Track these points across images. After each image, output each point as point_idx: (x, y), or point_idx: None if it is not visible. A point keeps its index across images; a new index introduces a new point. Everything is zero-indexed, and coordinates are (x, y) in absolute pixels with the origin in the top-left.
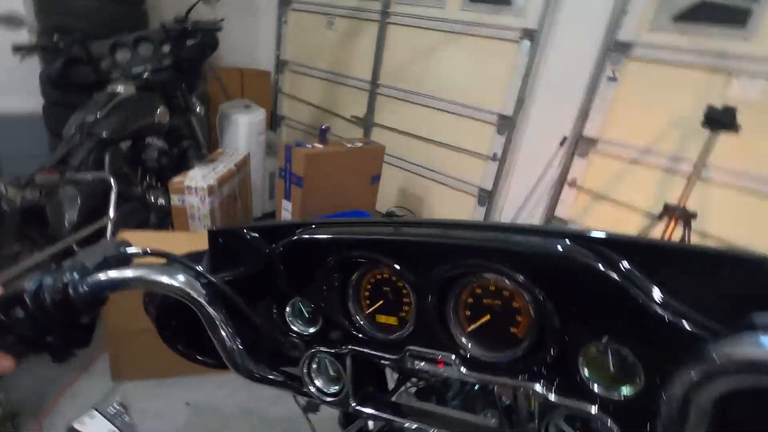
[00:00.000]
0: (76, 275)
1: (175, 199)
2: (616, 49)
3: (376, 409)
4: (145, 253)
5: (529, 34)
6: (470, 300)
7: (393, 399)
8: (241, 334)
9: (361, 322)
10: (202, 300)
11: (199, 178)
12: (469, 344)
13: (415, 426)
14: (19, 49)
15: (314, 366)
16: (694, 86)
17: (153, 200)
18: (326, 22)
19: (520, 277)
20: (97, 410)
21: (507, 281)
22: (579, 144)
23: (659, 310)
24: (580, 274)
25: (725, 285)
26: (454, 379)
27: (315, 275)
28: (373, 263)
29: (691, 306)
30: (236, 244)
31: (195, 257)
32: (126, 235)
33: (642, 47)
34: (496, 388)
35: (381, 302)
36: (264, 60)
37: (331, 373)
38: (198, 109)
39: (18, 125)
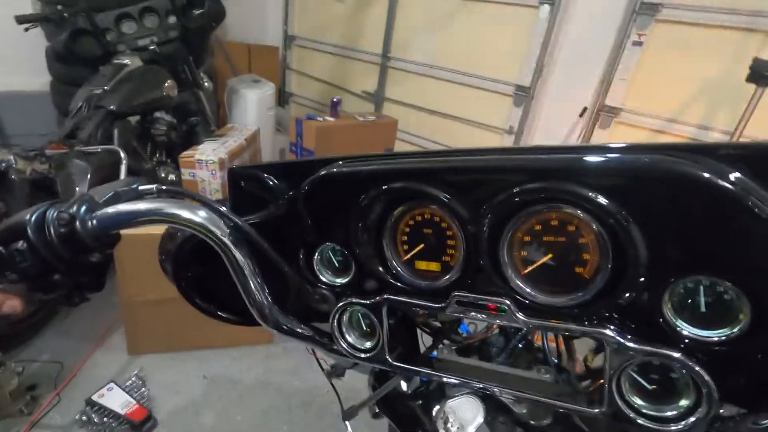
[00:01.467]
0: (83, 208)
1: (185, 174)
2: (642, 10)
3: (416, 366)
4: (160, 191)
5: None
6: (527, 238)
7: (432, 356)
8: (268, 283)
9: (399, 269)
10: (227, 241)
11: (209, 152)
12: (527, 288)
13: (455, 385)
14: (23, 21)
15: (345, 320)
16: (728, 48)
17: (163, 175)
18: None
19: (602, 201)
20: (115, 383)
21: (579, 211)
22: (601, 115)
23: None
24: (680, 190)
25: None
26: (495, 337)
27: (346, 217)
28: (416, 199)
29: None
30: (258, 185)
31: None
32: None
33: (670, 8)
34: (547, 344)
35: (421, 246)
36: (271, 35)
37: (364, 327)
38: (206, 84)
39: (26, 103)
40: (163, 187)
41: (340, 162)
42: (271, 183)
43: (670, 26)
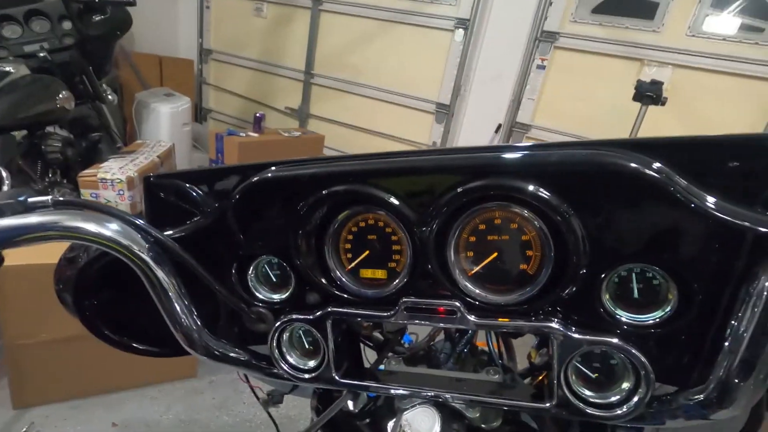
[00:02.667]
0: None
1: (86, 195)
2: (543, 38)
3: (365, 381)
4: (56, 203)
5: (463, 23)
6: (473, 238)
7: (380, 369)
8: (196, 305)
9: (344, 279)
10: (147, 258)
11: (115, 170)
12: (476, 288)
13: (406, 397)
14: None
15: (285, 339)
16: (613, 73)
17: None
18: (253, 9)
19: (544, 195)
20: None
21: (521, 208)
22: (513, 131)
23: (716, 213)
24: (612, 182)
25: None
26: (441, 344)
27: (283, 227)
28: (360, 203)
29: (740, 203)
30: (180, 195)
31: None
32: None
33: (566, 37)
34: (492, 345)
35: (366, 253)
36: (185, 48)
37: (307, 345)
38: (110, 97)
39: None
40: (61, 198)
41: (274, 167)
42: (195, 193)
43: (566, 52)
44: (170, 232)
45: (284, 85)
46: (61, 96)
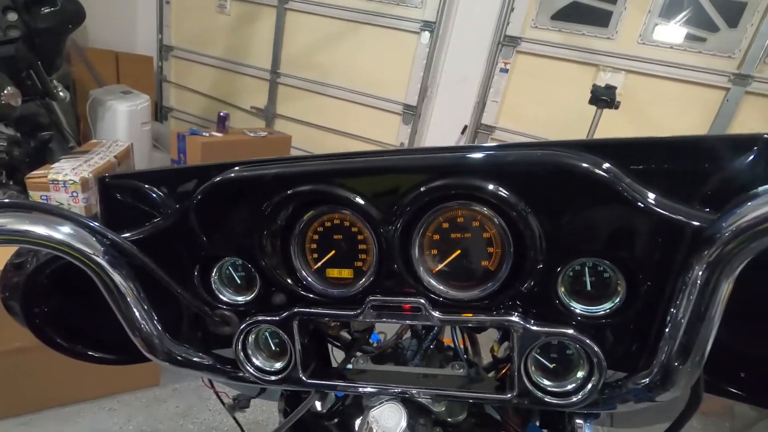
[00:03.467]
0: None
1: (35, 197)
2: (506, 42)
3: (333, 380)
4: (1, 206)
5: (429, 26)
6: (436, 237)
7: (347, 368)
8: (156, 309)
9: (310, 279)
10: (103, 262)
11: (68, 170)
12: (440, 285)
13: (374, 395)
14: None
15: (251, 341)
16: (571, 78)
17: None
18: (216, 5)
19: (504, 193)
20: None
21: (482, 207)
22: (479, 132)
23: (656, 209)
24: (566, 180)
25: (699, 174)
26: (408, 341)
27: (247, 227)
28: (325, 203)
29: (679, 200)
30: (139, 196)
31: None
32: None
33: (527, 42)
34: (457, 340)
35: (332, 253)
36: (143, 44)
37: (273, 347)
38: (61, 94)
39: None
40: (6, 200)
41: (237, 167)
42: (155, 194)
43: (528, 57)
44: (128, 234)
45: (250, 84)
46: (6, 92)
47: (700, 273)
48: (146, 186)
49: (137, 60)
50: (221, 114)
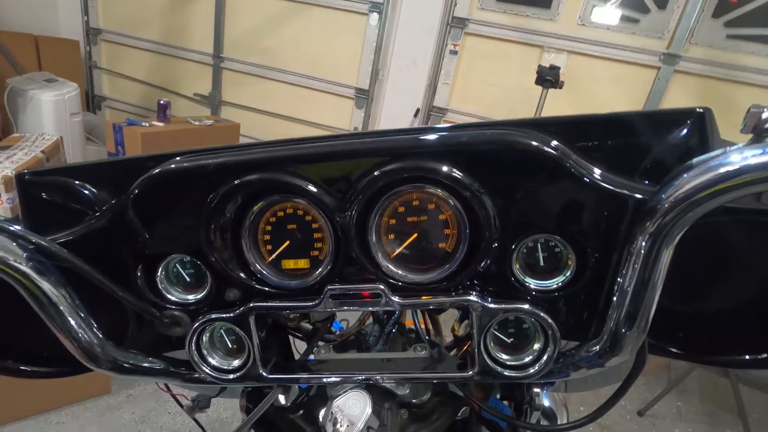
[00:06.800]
0: None
1: None
2: (454, 24)
3: (295, 373)
4: None
5: (377, 7)
6: (393, 221)
7: (309, 359)
8: (96, 315)
9: (265, 272)
10: (27, 270)
11: None
12: (399, 270)
13: (338, 384)
14: None
15: (206, 341)
16: (518, 59)
17: None
18: None
19: (457, 174)
20: None
21: (437, 189)
22: (431, 114)
23: (601, 184)
24: (516, 158)
25: (640, 148)
26: (370, 327)
27: (193, 221)
28: (276, 192)
29: (623, 173)
30: (66, 193)
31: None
32: None
33: (475, 23)
34: (418, 322)
35: (287, 243)
36: (67, 26)
37: (230, 344)
38: None
39: None
40: None
41: (179, 157)
42: (86, 190)
43: (476, 38)
44: (57, 236)
45: (191, 69)
46: None
47: (643, 243)
48: (75, 182)
49: (61, 44)
50: (161, 102)
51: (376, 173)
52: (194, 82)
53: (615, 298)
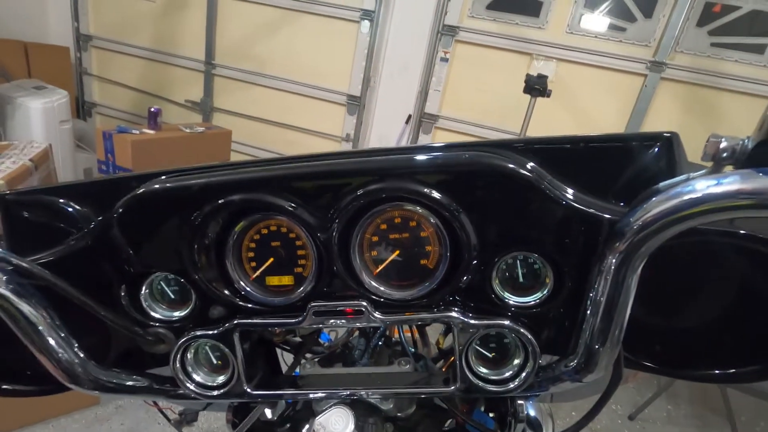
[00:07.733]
0: None
1: None
2: (445, 32)
3: (277, 389)
4: None
5: (368, 15)
6: (375, 238)
7: (295, 374)
8: (77, 334)
9: (249, 289)
10: (6, 292)
11: None
12: (381, 287)
13: (323, 399)
14: None
15: (190, 357)
16: (507, 66)
17: None
18: None
19: (436, 195)
20: None
21: (418, 207)
22: (423, 121)
23: (574, 204)
24: (494, 180)
25: (612, 170)
26: (357, 339)
27: (177, 240)
28: (259, 211)
29: (595, 195)
30: (49, 213)
31: None
32: None
33: (465, 31)
34: (403, 335)
35: (271, 261)
36: (57, 33)
37: (215, 361)
38: None
39: None
40: None
41: (163, 177)
42: (70, 208)
43: (466, 46)
44: (39, 256)
45: (183, 76)
46: None
47: (613, 262)
48: (59, 201)
49: (51, 51)
50: (152, 109)
51: (357, 193)
52: (186, 88)
53: (588, 314)
